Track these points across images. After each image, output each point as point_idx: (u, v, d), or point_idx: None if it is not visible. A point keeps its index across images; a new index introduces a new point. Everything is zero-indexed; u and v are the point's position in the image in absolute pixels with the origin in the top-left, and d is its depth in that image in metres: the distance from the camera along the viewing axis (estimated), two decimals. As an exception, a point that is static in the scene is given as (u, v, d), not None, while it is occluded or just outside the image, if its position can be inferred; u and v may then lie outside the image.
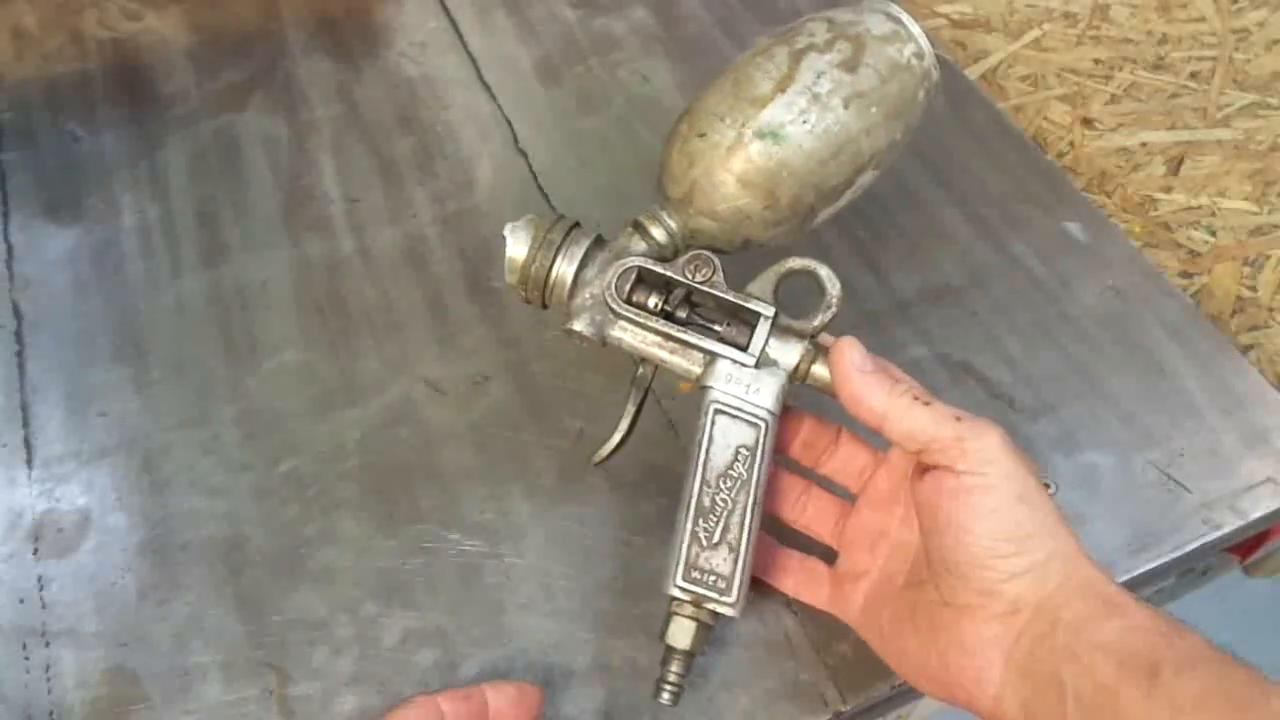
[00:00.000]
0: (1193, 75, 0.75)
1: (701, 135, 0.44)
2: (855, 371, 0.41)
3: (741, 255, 0.46)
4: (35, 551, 0.49)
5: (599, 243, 0.46)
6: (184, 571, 0.48)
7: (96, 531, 0.49)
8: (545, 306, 0.46)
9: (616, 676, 0.45)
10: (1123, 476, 0.51)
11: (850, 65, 0.44)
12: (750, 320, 0.43)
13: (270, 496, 0.50)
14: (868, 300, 0.58)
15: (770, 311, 0.43)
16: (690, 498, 0.42)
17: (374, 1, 0.74)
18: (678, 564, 0.42)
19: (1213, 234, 0.67)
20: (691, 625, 0.42)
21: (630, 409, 0.46)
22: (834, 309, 0.43)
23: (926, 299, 0.58)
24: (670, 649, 0.42)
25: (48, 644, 0.46)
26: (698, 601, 0.42)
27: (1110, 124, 0.72)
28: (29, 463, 0.52)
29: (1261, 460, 0.52)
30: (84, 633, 0.47)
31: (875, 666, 0.45)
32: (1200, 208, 0.68)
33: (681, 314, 0.44)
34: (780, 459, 0.46)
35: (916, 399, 0.40)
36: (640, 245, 0.45)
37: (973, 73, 0.75)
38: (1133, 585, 0.49)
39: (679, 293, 0.44)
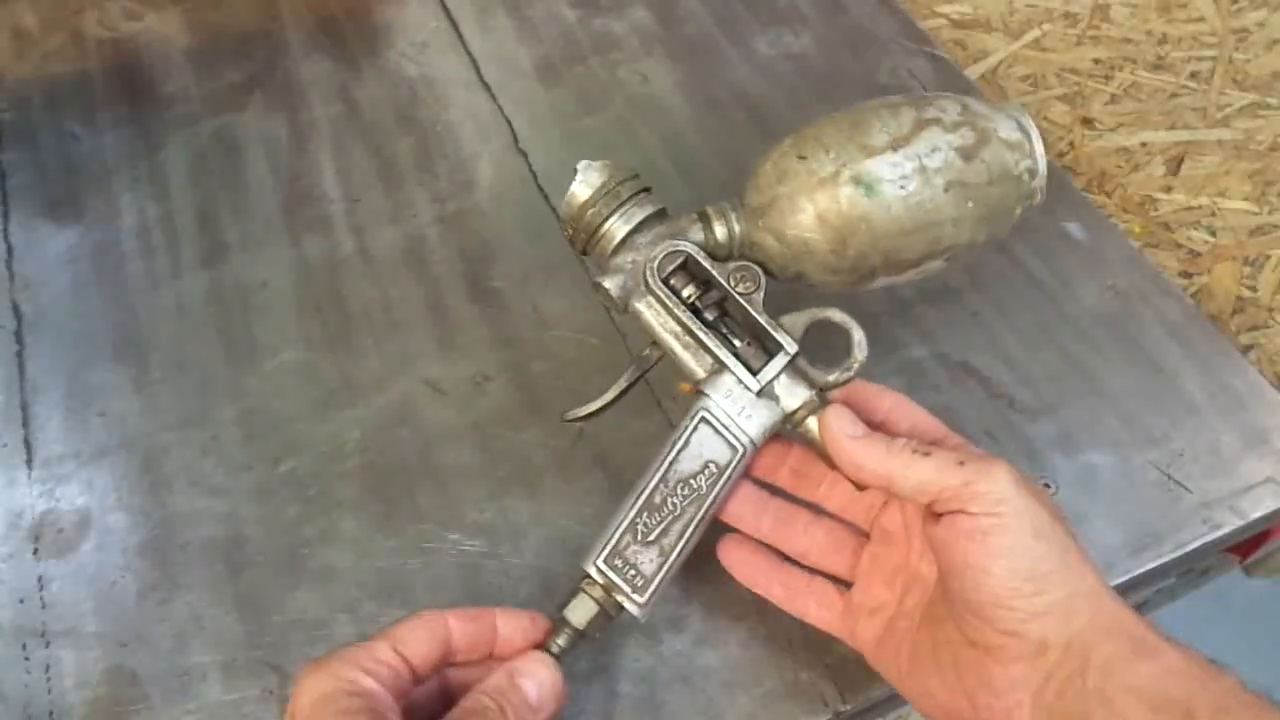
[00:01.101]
0: (1193, 75, 0.75)
1: (801, 158, 0.44)
2: (847, 440, 0.41)
3: (787, 287, 0.46)
4: (35, 551, 0.49)
5: (660, 215, 0.45)
6: (184, 571, 0.48)
7: (96, 531, 0.49)
8: (585, 252, 0.46)
9: (616, 676, 0.45)
10: (1123, 476, 0.51)
11: (967, 154, 0.44)
12: (770, 348, 0.43)
13: (270, 496, 0.50)
14: (868, 300, 0.58)
15: (793, 349, 0.43)
16: (643, 489, 0.42)
17: (374, 1, 0.74)
18: (605, 546, 0.41)
19: (1213, 234, 0.67)
20: (594, 608, 0.41)
21: (622, 382, 0.46)
22: (853, 372, 0.43)
23: (926, 299, 0.58)
24: (564, 621, 0.41)
25: (48, 644, 0.46)
26: (609, 588, 0.41)
27: (1110, 124, 0.72)
28: (29, 463, 0.52)
29: (1261, 460, 0.52)
30: (84, 633, 0.47)
31: (875, 666, 0.45)
32: (1200, 208, 0.68)
33: (709, 315, 0.44)
34: (773, 490, 0.46)
35: (915, 452, 0.39)
36: (698, 235, 0.45)
37: (973, 73, 0.75)
38: (1133, 585, 0.49)
39: (714, 294, 0.44)
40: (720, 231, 0.45)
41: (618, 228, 0.44)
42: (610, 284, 0.44)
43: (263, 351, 0.55)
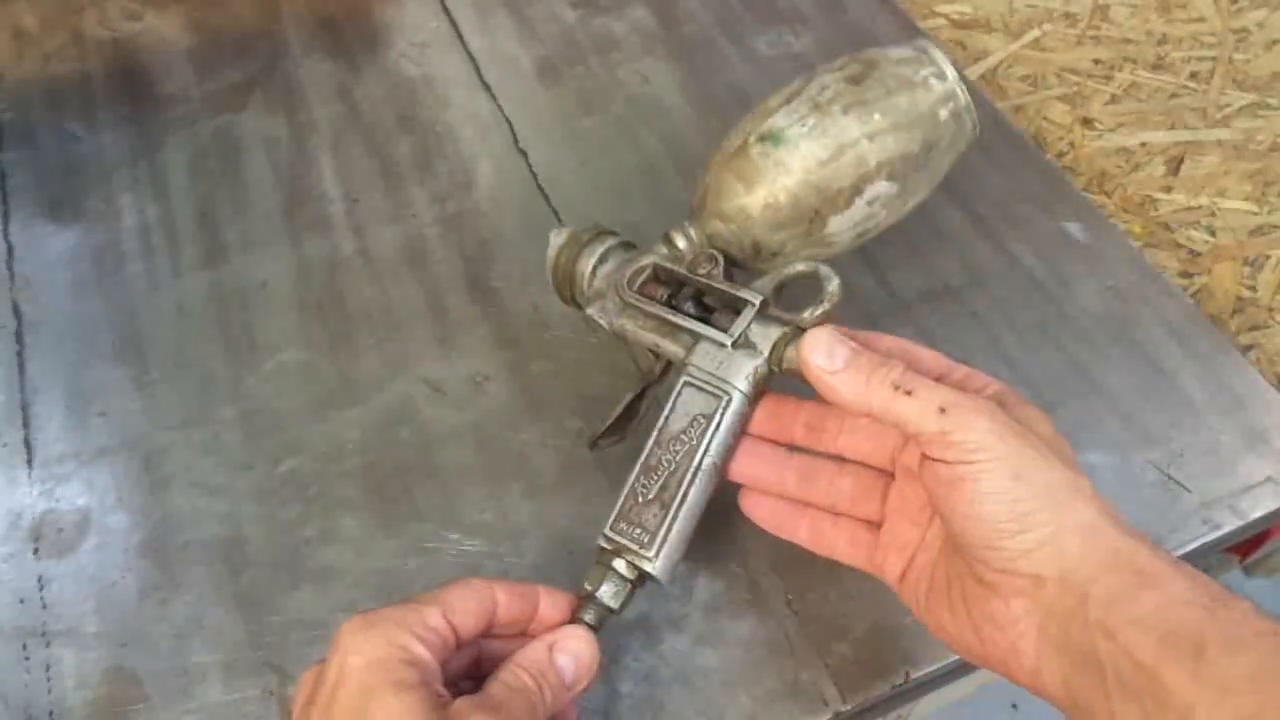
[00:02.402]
0: (1193, 75, 0.75)
1: (718, 148, 0.48)
2: (825, 375, 0.39)
3: (761, 268, 0.47)
4: (35, 551, 0.49)
5: (626, 246, 0.49)
6: (184, 571, 0.48)
7: (96, 531, 0.49)
8: (576, 303, 0.49)
9: (616, 676, 0.45)
10: (1122, 476, 0.51)
11: (856, 79, 0.46)
12: (741, 310, 0.44)
13: (270, 496, 0.50)
14: (868, 300, 0.58)
15: (757, 300, 0.44)
16: (642, 458, 0.43)
17: (374, 1, 0.74)
18: (613, 514, 0.42)
19: (1213, 234, 0.67)
20: (615, 578, 0.42)
21: (628, 396, 0.47)
22: (827, 304, 0.43)
23: (926, 299, 0.58)
24: (589, 595, 0.42)
25: (48, 644, 0.46)
26: (619, 551, 0.42)
27: (1110, 124, 0.72)
28: (29, 463, 0.52)
29: (1261, 460, 0.52)
30: (84, 633, 0.47)
31: (875, 666, 0.45)
32: (1200, 208, 0.68)
33: (689, 309, 0.46)
34: (791, 448, 0.45)
35: (897, 388, 0.38)
36: (663, 250, 0.48)
37: (973, 73, 0.75)
38: (1133, 585, 0.49)
39: (688, 290, 0.46)
40: (681, 242, 0.48)
41: (586, 261, 0.48)
42: (593, 310, 0.47)
43: (263, 351, 0.55)
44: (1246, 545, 0.60)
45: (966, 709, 0.55)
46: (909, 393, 0.37)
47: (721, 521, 0.49)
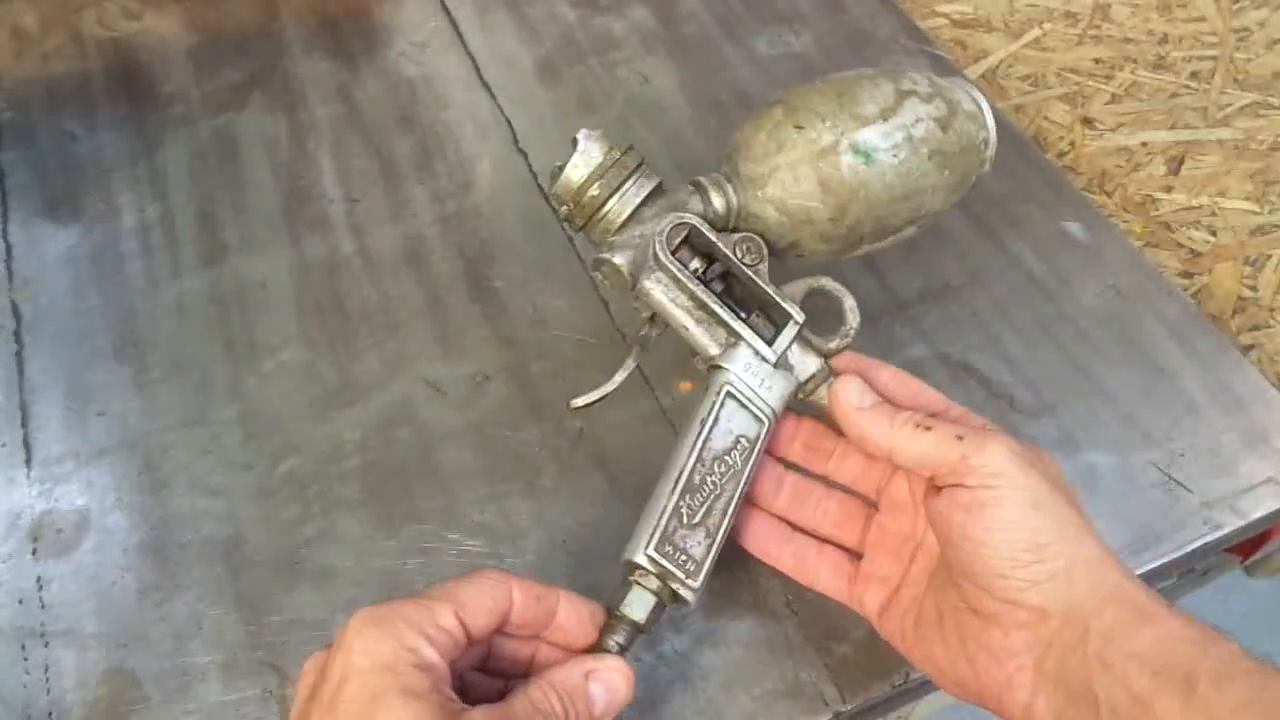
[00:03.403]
0: (1193, 75, 0.75)
1: (799, 128, 0.45)
2: (854, 411, 0.41)
3: (776, 260, 0.46)
4: (34, 552, 0.49)
5: (660, 190, 0.45)
6: (184, 571, 0.48)
7: (96, 531, 0.49)
8: (581, 229, 0.46)
9: (616, 677, 0.45)
10: (1123, 476, 0.51)
11: (943, 124, 0.46)
12: (776, 320, 0.44)
13: (270, 496, 0.50)
14: (868, 300, 0.58)
15: (801, 318, 0.43)
16: (681, 472, 0.41)
17: (374, 1, 0.74)
18: (654, 534, 0.40)
19: (1213, 234, 0.67)
20: (651, 600, 0.40)
21: (630, 363, 0.45)
22: (849, 339, 0.44)
23: (926, 299, 0.58)
24: (622, 617, 0.40)
25: (47, 644, 0.46)
26: (663, 576, 0.40)
27: (1110, 124, 0.72)
28: (28, 463, 0.52)
29: (1262, 460, 0.52)
30: (83, 633, 0.46)
31: (875, 666, 0.45)
32: (1200, 207, 0.68)
33: (716, 289, 0.44)
34: (786, 464, 0.46)
35: (918, 427, 0.40)
36: (698, 206, 0.45)
37: (973, 73, 0.75)
38: (1133, 585, 0.49)
39: (717, 268, 0.44)
40: (718, 202, 0.45)
41: (623, 204, 0.44)
42: (620, 259, 0.43)
43: (263, 351, 0.55)
44: (1248, 545, 0.60)
45: (966, 709, 0.55)
46: (928, 429, 0.40)
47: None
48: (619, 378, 0.45)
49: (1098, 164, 0.70)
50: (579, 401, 0.46)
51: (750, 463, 0.42)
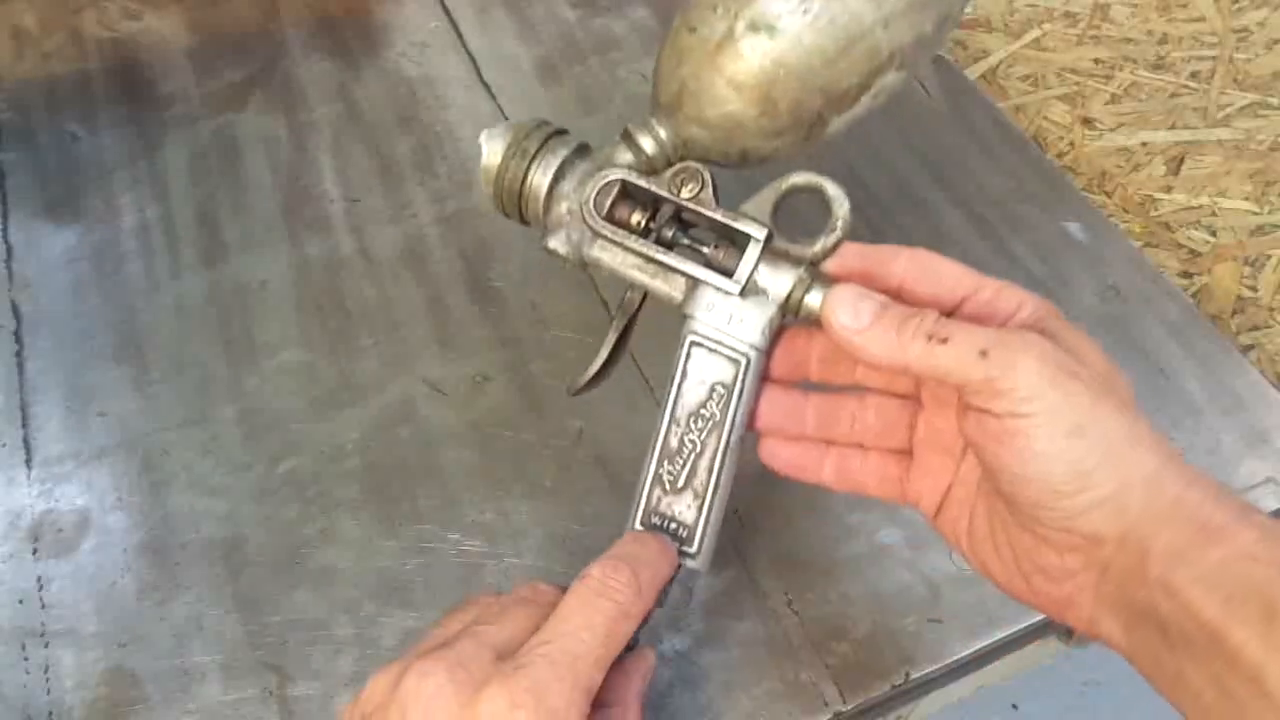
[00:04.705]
0: (1193, 75, 0.75)
1: (692, 30, 0.39)
2: (851, 334, 0.35)
3: (744, 172, 0.42)
4: (35, 551, 0.49)
5: (581, 152, 0.41)
6: (184, 571, 0.48)
7: (96, 531, 0.49)
8: (524, 222, 0.42)
9: (616, 677, 0.45)
10: (1123, 476, 0.51)
11: None
12: (743, 244, 0.39)
13: (270, 496, 0.50)
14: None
15: (762, 234, 0.38)
16: (657, 438, 0.39)
17: (374, 1, 0.74)
18: (637, 508, 0.39)
19: (1213, 234, 0.67)
20: None
21: (611, 337, 0.42)
22: (839, 232, 0.38)
23: (927, 299, 0.58)
24: None
25: (47, 644, 0.46)
26: None
27: (1110, 124, 0.72)
28: (28, 463, 0.52)
29: (1262, 460, 0.52)
30: (83, 633, 0.46)
31: (875, 666, 0.45)
32: (1200, 208, 0.68)
33: (668, 234, 0.40)
34: (803, 386, 0.41)
35: (931, 339, 0.34)
36: (627, 157, 0.40)
37: (973, 73, 0.75)
38: (1133, 585, 0.49)
39: (667, 210, 0.40)
40: (647, 144, 0.40)
41: (539, 181, 0.40)
42: (555, 243, 0.40)
43: (262, 351, 0.55)
44: (1247, 545, 0.60)
45: (966, 709, 0.55)
46: (944, 340, 0.34)
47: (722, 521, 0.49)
48: (604, 352, 0.42)
49: (1098, 164, 0.70)
50: (577, 384, 0.43)
51: (733, 408, 0.39)
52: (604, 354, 0.42)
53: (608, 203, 0.39)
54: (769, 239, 0.38)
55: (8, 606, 0.47)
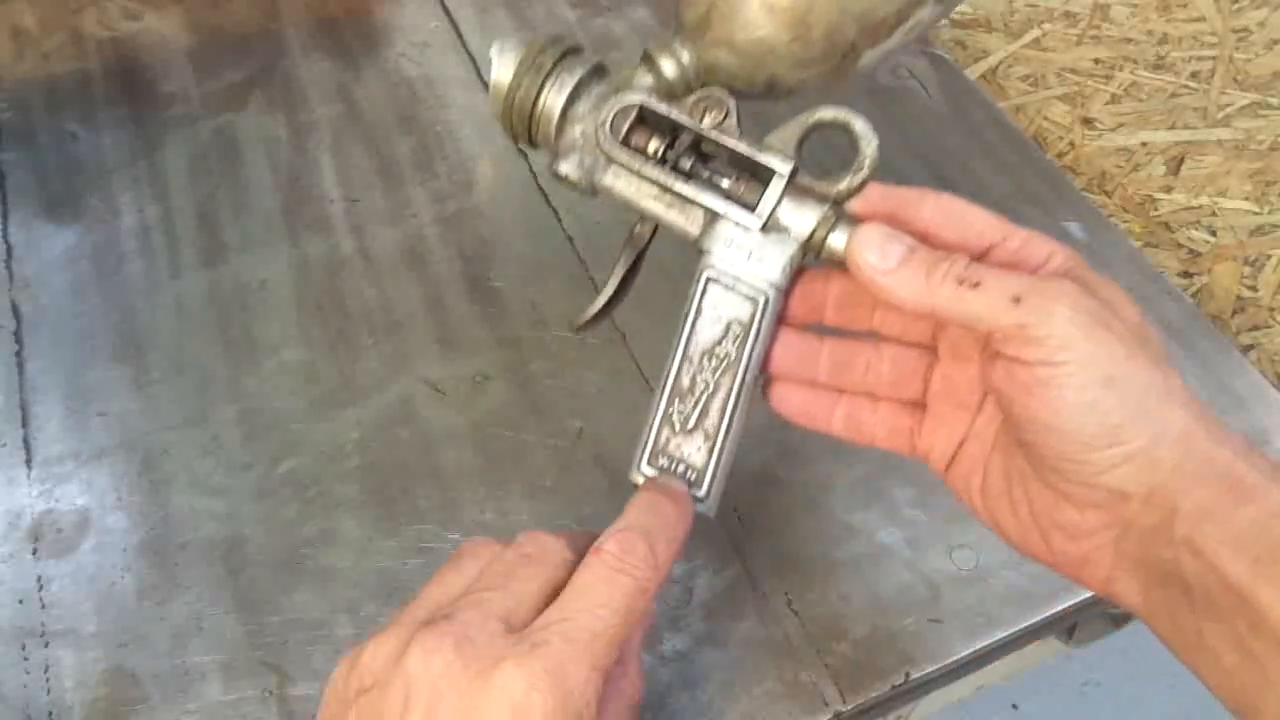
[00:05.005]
0: (1193, 75, 0.75)
1: None
2: (879, 275, 0.34)
3: (770, 104, 0.40)
4: (35, 552, 0.49)
5: (598, 73, 0.39)
6: (184, 571, 0.48)
7: (96, 531, 0.49)
8: (533, 144, 0.40)
9: (616, 677, 0.45)
10: (1123, 476, 0.51)
11: None
12: (765, 178, 0.37)
13: (270, 496, 0.50)
14: (868, 300, 0.58)
15: (787, 168, 0.36)
16: (668, 376, 0.37)
17: (374, 1, 0.74)
18: (644, 447, 0.37)
19: (1213, 234, 0.67)
20: None
21: (619, 270, 0.40)
22: (866, 171, 0.37)
23: (927, 299, 0.58)
24: None
25: (47, 644, 0.46)
26: None
27: (1110, 124, 0.72)
28: (28, 463, 0.52)
29: (1262, 460, 0.52)
30: (83, 633, 0.46)
31: (875, 666, 0.45)
32: (1200, 208, 0.68)
33: (686, 164, 0.38)
34: (816, 329, 0.40)
35: (962, 283, 0.33)
36: (647, 80, 0.39)
37: (973, 72, 0.75)
38: (1133, 585, 0.49)
39: (685, 139, 0.38)
40: (669, 68, 0.39)
41: (553, 102, 0.38)
42: (567, 167, 0.39)
43: (263, 351, 0.55)
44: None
45: (966, 709, 0.55)
46: (976, 285, 0.32)
47: (721, 521, 0.49)
48: (611, 285, 0.40)
49: (1098, 164, 0.70)
50: (582, 319, 0.41)
51: (749, 349, 0.37)
52: (610, 288, 0.41)
53: (624, 128, 0.38)
54: (794, 174, 0.37)
55: (8, 606, 0.47)
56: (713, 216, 0.37)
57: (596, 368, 0.55)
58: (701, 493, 0.37)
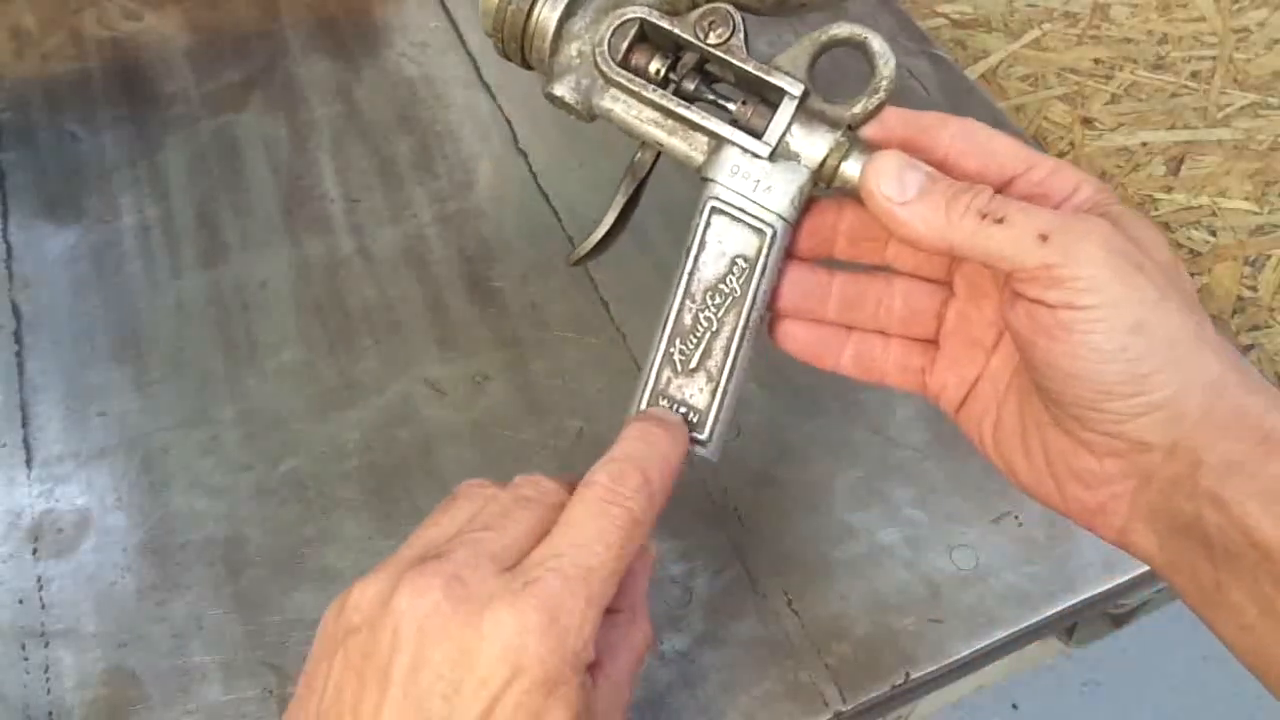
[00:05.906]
0: (1193, 75, 0.75)
1: None
2: (895, 208, 0.32)
3: (779, 24, 0.40)
4: (35, 551, 0.49)
5: None
6: (184, 571, 0.48)
7: (96, 531, 0.49)
8: (527, 65, 0.38)
9: (616, 676, 0.45)
10: (1123, 476, 0.51)
11: None
12: (774, 101, 0.35)
13: (270, 496, 0.50)
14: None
15: (798, 90, 0.34)
16: (669, 313, 0.35)
17: (374, 1, 0.74)
18: (644, 389, 0.36)
19: (1213, 234, 0.67)
20: None
21: (618, 200, 0.38)
22: (882, 94, 0.34)
23: (927, 299, 0.58)
24: None
25: (47, 644, 0.46)
26: None
27: (1110, 124, 0.72)
28: (28, 463, 0.52)
29: (1262, 460, 0.52)
30: (83, 633, 0.46)
31: (875, 666, 0.45)
32: (1200, 208, 0.68)
33: (689, 85, 0.36)
34: (826, 263, 0.38)
35: (985, 218, 0.30)
36: None
37: (973, 72, 0.75)
38: (1133, 585, 0.49)
39: (689, 59, 0.36)
40: None
41: (546, 17, 0.36)
42: (562, 89, 0.36)
43: (263, 351, 0.55)
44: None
45: (966, 709, 0.55)
46: (1000, 220, 0.30)
47: (722, 521, 0.49)
48: (611, 216, 0.39)
49: (1098, 164, 0.70)
50: (579, 252, 0.39)
51: (755, 284, 0.35)
52: (610, 219, 0.39)
53: (624, 46, 0.35)
54: (805, 96, 0.35)
55: (8, 606, 0.47)
56: (718, 142, 0.35)
57: (596, 368, 0.55)
58: (704, 435, 0.36)
